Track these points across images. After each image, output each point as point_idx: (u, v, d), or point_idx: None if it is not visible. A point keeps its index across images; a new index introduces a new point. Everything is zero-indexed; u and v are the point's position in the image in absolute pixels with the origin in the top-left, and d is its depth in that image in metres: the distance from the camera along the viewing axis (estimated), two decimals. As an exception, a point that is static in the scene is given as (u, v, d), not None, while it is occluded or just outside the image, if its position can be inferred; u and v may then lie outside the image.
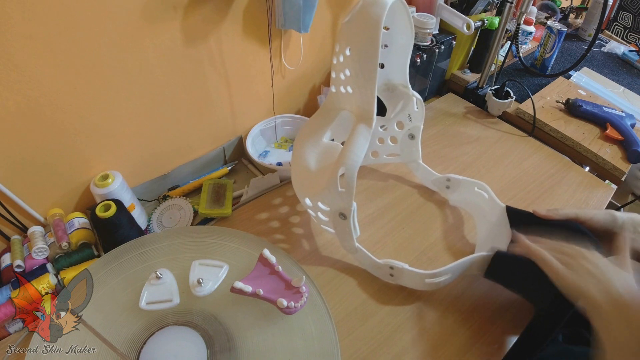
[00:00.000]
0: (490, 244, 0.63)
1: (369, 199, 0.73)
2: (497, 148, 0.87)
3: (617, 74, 1.15)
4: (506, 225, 0.62)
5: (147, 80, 0.60)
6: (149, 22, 0.55)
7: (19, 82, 0.49)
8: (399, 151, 0.75)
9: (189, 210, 0.70)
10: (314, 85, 0.89)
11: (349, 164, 0.47)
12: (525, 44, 1.18)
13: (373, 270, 0.61)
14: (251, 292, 0.48)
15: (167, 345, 0.47)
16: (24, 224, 0.61)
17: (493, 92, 0.91)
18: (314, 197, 0.54)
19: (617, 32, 1.42)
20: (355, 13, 0.47)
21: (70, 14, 0.48)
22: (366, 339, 0.54)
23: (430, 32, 0.84)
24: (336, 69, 0.52)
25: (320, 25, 0.78)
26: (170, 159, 0.73)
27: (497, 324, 0.56)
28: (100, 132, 0.60)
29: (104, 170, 0.64)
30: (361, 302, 0.58)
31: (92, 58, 0.53)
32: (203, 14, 0.59)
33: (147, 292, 0.51)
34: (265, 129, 0.84)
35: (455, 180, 0.70)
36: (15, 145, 0.54)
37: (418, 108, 0.67)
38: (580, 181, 0.80)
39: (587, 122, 0.92)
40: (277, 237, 0.66)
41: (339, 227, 0.54)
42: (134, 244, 0.57)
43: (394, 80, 0.65)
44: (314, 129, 0.59)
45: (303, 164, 0.57)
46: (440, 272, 0.53)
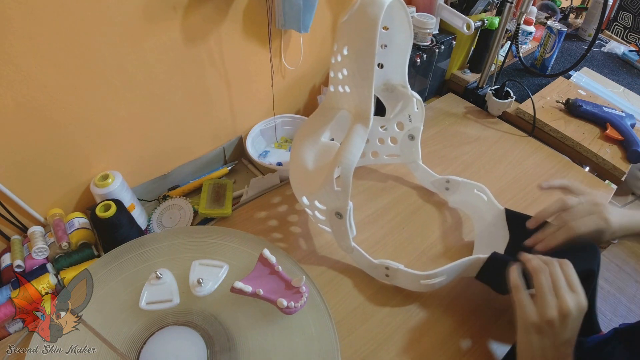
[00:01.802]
0: (488, 246, 0.63)
1: (369, 199, 0.73)
2: (497, 148, 0.87)
3: (617, 74, 1.15)
4: (504, 227, 0.62)
5: (147, 80, 0.60)
6: (149, 22, 0.55)
7: (18, 82, 0.49)
8: (398, 152, 0.75)
9: (189, 210, 0.70)
10: (314, 85, 0.89)
11: (345, 163, 0.47)
12: (525, 44, 1.18)
13: (369, 270, 0.61)
14: (251, 292, 0.48)
15: (167, 345, 0.47)
16: (24, 224, 0.61)
17: (493, 92, 0.91)
18: (311, 196, 0.54)
19: (617, 32, 1.42)
20: (353, 12, 0.47)
21: (70, 14, 0.48)
22: (366, 339, 0.54)
23: (430, 32, 0.84)
24: (334, 68, 0.52)
25: (320, 25, 0.78)
26: (170, 159, 0.73)
27: (496, 325, 0.56)
28: (100, 132, 0.60)
29: (104, 170, 0.64)
30: (361, 302, 0.58)
31: (92, 58, 0.53)
32: (203, 14, 0.60)
33: (147, 292, 0.51)
34: (265, 129, 0.84)
35: (455, 182, 0.70)
36: (16, 145, 0.54)
37: (418, 109, 0.67)
38: (580, 181, 0.80)
39: (587, 122, 0.92)
40: (277, 237, 0.66)
41: (336, 226, 0.55)
42: (134, 244, 0.57)
43: (393, 80, 0.65)
44: (312, 128, 0.59)
45: (301, 163, 0.57)
46: (435, 274, 0.53)
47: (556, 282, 0.44)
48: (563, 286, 0.44)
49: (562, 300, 0.43)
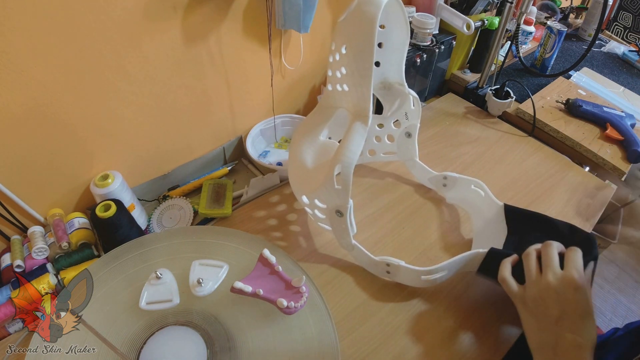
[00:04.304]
0: (487, 241, 0.63)
1: (369, 199, 0.73)
2: (497, 148, 0.87)
3: (617, 74, 1.15)
4: (502, 222, 0.62)
5: (147, 80, 0.60)
6: (149, 22, 0.55)
7: (18, 82, 0.49)
8: (395, 149, 0.75)
9: (189, 210, 0.70)
10: (314, 86, 0.89)
11: (345, 162, 0.47)
12: (525, 44, 1.18)
13: (370, 267, 0.61)
14: (251, 292, 0.48)
15: (167, 345, 0.47)
16: (24, 224, 0.61)
17: (493, 92, 0.91)
18: (311, 195, 0.54)
19: (617, 32, 1.42)
20: (351, 11, 0.47)
21: (70, 14, 0.48)
22: (366, 339, 0.54)
23: (430, 32, 0.84)
24: (332, 67, 0.52)
25: (320, 26, 0.78)
26: (170, 159, 0.73)
27: (498, 323, 0.56)
28: (100, 132, 0.60)
29: (104, 170, 0.64)
30: (361, 302, 0.58)
31: (92, 58, 0.53)
32: (203, 14, 0.60)
33: (147, 292, 0.51)
34: (265, 129, 0.84)
35: (452, 178, 0.71)
36: (15, 145, 0.54)
37: (415, 106, 0.67)
38: (580, 181, 0.80)
39: (587, 122, 0.92)
40: (277, 236, 0.66)
41: (336, 224, 0.55)
42: (134, 244, 0.57)
43: (390, 78, 0.65)
44: (310, 127, 0.59)
45: (300, 161, 0.57)
46: (436, 269, 0.54)
47: (544, 261, 0.47)
48: (550, 264, 0.47)
49: (544, 276, 0.46)
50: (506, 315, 0.57)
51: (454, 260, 0.53)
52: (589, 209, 0.75)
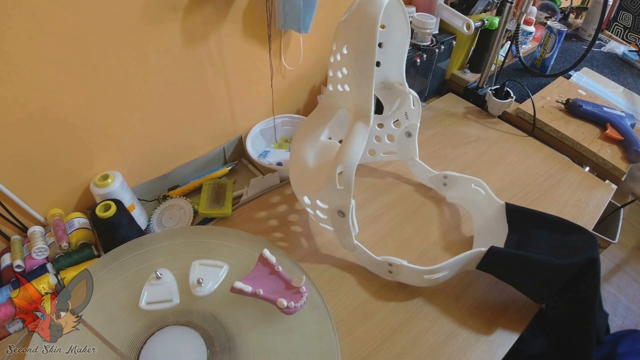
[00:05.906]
0: (488, 240, 0.63)
1: (369, 198, 0.73)
2: (497, 148, 0.87)
3: (617, 74, 1.15)
4: (503, 220, 0.62)
5: (147, 81, 0.60)
6: (149, 22, 0.55)
7: (18, 82, 0.49)
8: (395, 149, 0.75)
9: (189, 210, 0.70)
10: (314, 86, 0.89)
11: (348, 162, 0.47)
12: (525, 44, 1.18)
13: (372, 267, 0.61)
14: (251, 292, 0.48)
15: (167, 345, 0.47)
16: (24, 224, 0.61)
17: (493, 92, 0.91)
18: (313, 195, 0.54)
19: (617, 32, 1.42)
20: (352, 12, 0.47)
21: (71, 14, 0.48)
22: (366, 339, 0.54)
23: (430, 32, 0.84)
24: (333, 68, 0.52)
25: (320, 26, 0.78)
26: (170, 159, 0.73)
27: (498, 323, 0.56)
28: (100, 132, 0.60)
29: (104, 170, 0.64)
30: (361, 301, 0.58)
31: (92, 58, 0.53)
32: (203, 14, 0.60)
33: (147, 292, 0.51)
34: (265, 129, 0.84)
35: (452, 177, 0.71)
36: (16, 145, 0.54)
37: (415, 106, 0.67)
38: (580, 181, 0.80)
39: (587, 122, 0.92)
40: (277, 236, 0.66)
41: (338, 224, 0.55)
42: (134, 244, 0.57)
43: (390, 78, 0.65)
44: (311, 127, 0.59)
45: (301, 162, 0.57)
46: (438, 268, 0.54)
47: None
48: None
49: None
50: (506, 315, 0.57)
51: (456, 259, 0.54)
52: (588, 209, 0.75)
